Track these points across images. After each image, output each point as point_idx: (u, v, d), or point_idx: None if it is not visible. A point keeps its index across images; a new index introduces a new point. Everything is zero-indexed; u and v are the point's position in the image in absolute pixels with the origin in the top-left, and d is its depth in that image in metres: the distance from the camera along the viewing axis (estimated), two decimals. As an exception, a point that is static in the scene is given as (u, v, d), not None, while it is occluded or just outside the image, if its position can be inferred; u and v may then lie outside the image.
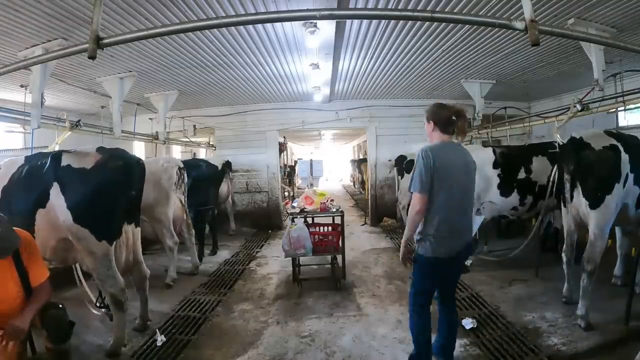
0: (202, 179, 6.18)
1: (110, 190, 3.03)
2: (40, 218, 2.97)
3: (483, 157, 4.74)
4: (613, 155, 3.27)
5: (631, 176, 3.32)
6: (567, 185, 3.56)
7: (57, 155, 3.05)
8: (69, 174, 2.97)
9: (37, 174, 3.02)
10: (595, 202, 3.28)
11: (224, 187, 7.63)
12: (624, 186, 3.28)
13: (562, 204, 3.73)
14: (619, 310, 3.23)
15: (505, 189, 4.80)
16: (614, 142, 3.33)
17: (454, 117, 2.61)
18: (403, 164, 8.05)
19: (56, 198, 2.95)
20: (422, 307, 2.67)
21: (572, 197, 3.51)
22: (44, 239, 2.98)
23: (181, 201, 5.15)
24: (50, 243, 3.02)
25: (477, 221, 4.86)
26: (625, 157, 3.27)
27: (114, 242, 3.09)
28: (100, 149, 3.13)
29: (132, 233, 3.35)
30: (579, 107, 4.69)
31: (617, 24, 3.93)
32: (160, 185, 4.79)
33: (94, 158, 3.03)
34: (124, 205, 3.18)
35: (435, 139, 2.67)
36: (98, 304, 3.57)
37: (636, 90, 4.37)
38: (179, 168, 5.12)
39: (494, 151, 4.95)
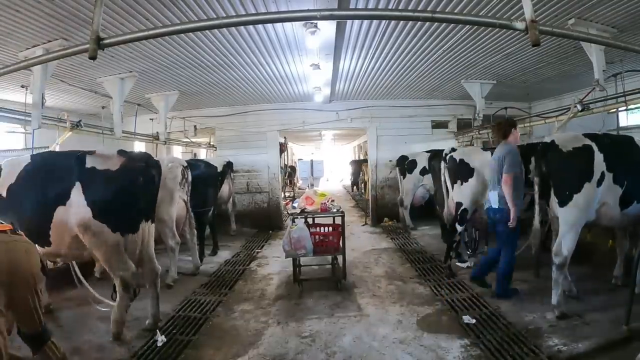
0: (202, 180, 6.18)
1: (135, 190, 3.28)
2: (59, 215, 3.11)
3: (482, 160, 4.75)
4: (582, 156, 3.40)
5: (609, 175, 3.40)
6: (536, 187, 3.72)
7: (81, 157, 3.20)
8: (93, 175, 3.15)
9: (58, 174, 3.18)
10: (563, 200, 3.45)
11: (225, 188, 7.60)
12: (598, 185, 3.37)
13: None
14: (619, 310, 3.23)
15: None
16: (588, 143, 3.46)
17: None
18: (405, 164, 8.05)
19: (77, 197, 3.10)
20: None
21: (541, 195, 3.69)
22: (60, 235, 3.13)
23: (184, 201, 5.15)
24: (66, 239, 3.14)
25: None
26: (599, 157, 3.39)
27: (127, 235, 3.24)
28: (121, 152, 3.33)
29: (147, 229, 3.48)
30: (579, 107, 4.68)
31: (618, 24, 3.93)
32: (165, 185, 4.75)
33: (119, 160, 3.22)
34: (143, 203, 3.38)
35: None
36: (113, 298, 3.61)
37: (637, 91, 4.37)
38: (183, 167, 5.12)
39: (492, 154, 4.92)
